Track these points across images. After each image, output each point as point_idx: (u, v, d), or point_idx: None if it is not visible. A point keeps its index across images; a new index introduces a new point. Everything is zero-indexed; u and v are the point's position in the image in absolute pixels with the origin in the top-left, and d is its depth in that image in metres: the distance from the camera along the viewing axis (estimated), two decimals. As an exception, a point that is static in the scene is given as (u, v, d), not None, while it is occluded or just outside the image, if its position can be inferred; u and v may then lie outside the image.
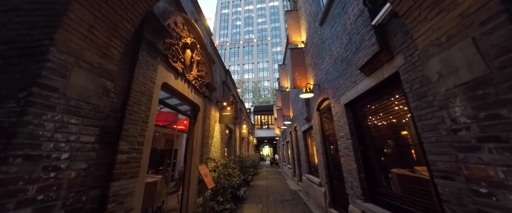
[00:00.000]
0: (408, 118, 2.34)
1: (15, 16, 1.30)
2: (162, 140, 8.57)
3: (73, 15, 1.30)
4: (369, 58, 2.63)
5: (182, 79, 4.24)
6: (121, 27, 1.66)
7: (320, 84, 5.29)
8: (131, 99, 2.51)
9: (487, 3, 0.95)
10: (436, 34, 1.23)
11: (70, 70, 1.26)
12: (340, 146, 4.03)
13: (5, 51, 1.19)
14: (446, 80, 1.16)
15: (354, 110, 3.67)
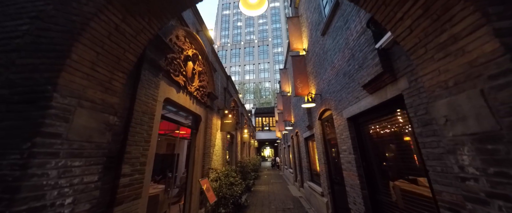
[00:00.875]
0: (414, 140, 2.31)
1: (17, 57, 1.30)
2: (163, 144, 8.58)
3: (76, 56, 1.29)
4: (372, 78, 2.60)
5: (184, 92, 4.24)
6: (124, 59, 1.66)
7: (322, 94, 5.26)
8: (134, 120, 2.51)
9: (496, 58, 0.93)
10: (443, 77, 1.21)
11: (72, 113, 1.26)
12: (343, 159, 4.00)
13: (7, 95, 1.19)
14: (454, 126, 1.14)
15: (357, 124, 3.64)
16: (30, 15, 1.44)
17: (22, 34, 1.37)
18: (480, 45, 0.98)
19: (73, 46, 1.27)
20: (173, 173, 6.35)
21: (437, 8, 1.15)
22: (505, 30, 0.92)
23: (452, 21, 1.10)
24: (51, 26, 1.35)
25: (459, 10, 1.05)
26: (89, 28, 1.34)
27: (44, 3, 1.47)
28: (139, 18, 1.65)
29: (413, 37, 1.36)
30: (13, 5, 1.52)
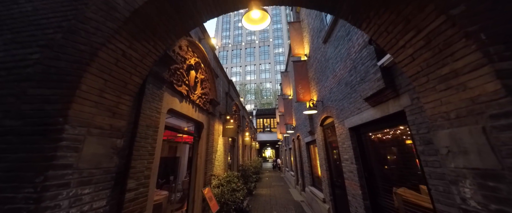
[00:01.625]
0: (417, 156, 2.32)
1: (28, 87, 1.34)
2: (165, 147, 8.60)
3: (85, 86, 1.33)
4: (373, 92, 2.62)
5: (187, 101, 4.28)
6: (130, 83, 1.70)
7: (323, 101, 5.28)
8: (138, 135, 2.55)
9: (498, 99, 0.94)
10: (445, 108, 1.22)
11: (82, 142, 1.29)
12: (345, 168, 4.01)
13: (20, 127, 1.23)
14: (456, 158, 1.16)
15: (359, 134, 3.65)
16: (40, 43, 1.48)
17: (33, 63, 1.41)
18: (482, 83, 1.00)
19: (82, 76, 1.31)
20: (175, 177, 6.39)
21: (439, 42, 1.17)
22: (506, 72, 0.93)
23: (454, 57, 1.11)
24: (61, 56, 1.39)
25: (460, 47, 1.07)
26: (97, 57, 1.37)
27: (53, 31, 1.51)
28: (145, 43, 1.69)
29: (415, 65, 1.37)
30: (23, 32, 1.56)
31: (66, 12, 1.57)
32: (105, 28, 1.44)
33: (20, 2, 1.70)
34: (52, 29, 1.52)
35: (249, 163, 11.39)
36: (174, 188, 5.36)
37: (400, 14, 1.31)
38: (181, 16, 1.75)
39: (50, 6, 1.62)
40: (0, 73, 1.44)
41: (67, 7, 1.59)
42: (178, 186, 7.03)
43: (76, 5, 1.58)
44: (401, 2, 1.27)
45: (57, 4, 1.62)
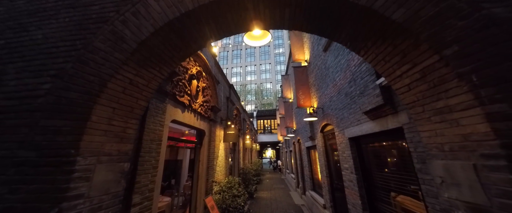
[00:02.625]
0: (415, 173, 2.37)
1: (41, 118, 1.40)
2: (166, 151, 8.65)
3: (95, 117, 1.39)
4: (372, 107, 2.67)
5: (189, 110, 4.34)
6: (137, 107, 1.76)
7: (323, 108, 5.33)
8: (142, 150, 2.61)
9: (488, 140, 1.00)
10: (439, 139, 1.28)
11: (93, 171, 1.35)
12: (345, 177, 4.07)
13: (34, 158, 1.29)
14: (449, 189, 1.21)
15: (358, 144, 3.70)
16: (51, 73, 1.54)
17: (44, 93, 1.47)
18: (474, 123, 1.06)
19: (93, 108, 1.37)
20: (177, 181, 6.43)
21: (434, 78, 1.22)
22: (496, 115, 0.99)
23: (448, 94, 1.17)
24: (71, 86, 1.45)
25: (453, 86, 1.12)
26: (106, 88, 1.43)
27: (63, 60, 1.57)
28: (151, 69, 1.75)
29: (412, 95, 1.43)
30: (34, 60, 1.63)
31: (75, 41, 1.63)
32: (113, 59, 1.50)
33: (30, 30, 1.77)
34: (62, 59, 1.58)
35: (249, 166, 11.45)
36: (177, 193, 5.42)
37: (397, 47, 1.37)
38: (185, 43, 1.81)
39: (59, 34, 1.69)
40: (13, 102, 1.50)
41: (75, 36, 1.65)
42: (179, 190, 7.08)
43: (85, 34, 1.64)
44: (397, 37, 1.32)
45: (66, 33, 1.68)
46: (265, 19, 1.80)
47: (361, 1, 1.33)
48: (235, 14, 1.72)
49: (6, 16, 1.90)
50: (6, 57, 1.69)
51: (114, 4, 1.71)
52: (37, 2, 1.89)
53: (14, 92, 1.54)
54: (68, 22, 1.72)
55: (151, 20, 1.57)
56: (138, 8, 1.63)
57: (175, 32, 1.65)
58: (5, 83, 1.58)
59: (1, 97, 1.53)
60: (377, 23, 1.36)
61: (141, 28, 1.55)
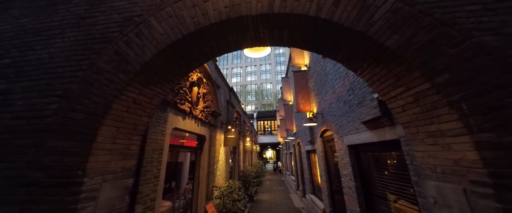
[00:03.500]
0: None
1: (48, 138, 1.45)
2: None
3: (100, 137, 1.44)
4: (370, 118, 2.72)
5: (190, 117, 4.39)
6: (139, 124, 1.81)
7: (323, 113, 5.37)
8: (145, 160, 2.66)
9: (477, 168, 1.04)
10: (432, 161, 1.32)
11: (99, 190, 1.40)
12: (344, 183, 4.11)
13: (42, 179, 1.35)
14: (442, 210, 1.26)
15: (357, 152, 3.75)
16: (57, 93, 1.59)
17: (51, 113, 1.53)
18: (464, 150, 1.10)
19: (98, 129, 1.42)
20: (178, 183, 6.46)
21: (426, 103, 1.27)
22: (484, 144, 1.03)
23: (440, 119, 1.22)
24: (77, 107, 1.50)
25: (444, 113, 1.17)
26: (111, 109, 1.49)
27: (69, 81, 1.62)
28: (153, 87, 1.80)
29: (406, 116, 1.48)
30: (41, 80, 1.68)
31: (80, 61, 1.68)
32: (117, 80, 1.55)
33: (36, 49, 1.82)
34: (68, 79, 1.63)
35: (250, 168, 11.50)
36: (177, 196, 5.46)
37: (391, 71, 1.42)
38: (186, 61, 1.86)
39: (64, 54, 1.74)
40: (20, 122, 1.55)
41: (80, 56, 1.70)
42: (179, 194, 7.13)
43: (89, 55, 1.69)
44: (391, 62, 1.37)
45: (71, 52, 1.73)
46: (264, 38, 1.85)
47: (357, 27, 1.38)
48: (235, 34, 1.77)
49: (12, 35, 1.95)
50: (13, 76, 1.74)
51: (117, 24, 1.76)
52: (43, 21, 1.95)
53: (22, 111, 1.59)
54: (73, 42, 1.77)
55: (154, 41, 1.62)
56: (141, 29, 1.68)
57: (177, 53, 1.71)
58: (13, 102, 1.64)
59: (9, 117, 1.58)
60: (372, 47, 1.41)
61: (144, 49, 1.60)
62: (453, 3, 1.34)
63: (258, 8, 1.58)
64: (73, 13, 1.91)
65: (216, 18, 1.60)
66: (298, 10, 1.50)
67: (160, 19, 1.69)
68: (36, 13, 2.00)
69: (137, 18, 1.74)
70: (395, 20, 1.35)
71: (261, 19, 1.62)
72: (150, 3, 1.78)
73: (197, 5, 1.68)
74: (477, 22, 1.27)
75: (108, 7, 1.86)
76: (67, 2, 1.99)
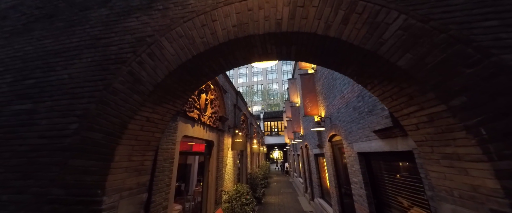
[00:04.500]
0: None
1: (70, 157, 1.54)
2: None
3: (117, 157, 1.52)
4: (381, 128, 2.65)
5: (198, 124, 4.48)
6: (152, 140, 1.88)
7: (331, 118, 5.29)
8: (157, 170, 2.76)
9: (497, 197, 1.00)
10: (448, 183, 1.28)
11: (117, 207, 1.48)
12: (354, 190, 4.04)
13: (64, 196, 1.44)
14: (459, 235, 1.21)
15: (368, 159, 3.66)
16: (77, 113, 1.69)
17: (72, 133, 1.62)
18: (482, 177, 1.06)
19: (115, 149, 1.49)
20: (187, 185, 6.59)
21: (442, 124, 1.23)
22: (505, 172, 0.99)
23: (456, 142, 1.17)
24: (95, 127, 1.58)
25: (462, 137, 1.13)
26: (126, 129, 1.56)
27: (87, 101, 1.71)
28: (165, 104, 1.86)
29: (419, 134, 1.43)
30: (61, 100, 1.79)
31: (97, 81, 1.77)
32: (132, 101, 1.62)
33: (57, 69, 1.94)
34: (86, 99, 1.72)
35: (257, 171, 11.54)
36: (188, 200, 5.58)
37: (403, 90, 1.38)
38: (196, 78, 1.91)
39: (83, 74, 1.84)
40: (44, 141, 1.66)
41: (97, 76, 1.79)
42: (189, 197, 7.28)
43: (105, 75, 1.78)
44: (403, 81, 1.34)
45: (88, 73, 1.83)
46: (271, 54, 1.86)
47: (367, 46, 1.36)
48: (243, 51, 1.79)
49: (35, 56, 2.09)
50: (37, 96, 1.87)
51: (130, 45, 1.84)
52: (62, 42, 2.07)
53: (45, 131, 1.70)
54: (90, 63, 1.87)
55: (165, 62, 1.67)
56: (153, 50, 1.75)
57: (187, 71, 1.76)
58: (37, 122, 1.75)
59: (35, 136, 1.70)
60: (383, 66, 1.38)
61: (157, 70, 1.66)
62: (470, 18, 1.29)
63: (266, 27, 1.59)
64: (89, 34, 2.02)
65: (225, 38, 1.63)
66: (306, 29, 1.50)
67: (170, 39, 1.75)
68: (56, 34, 2.13)
69: (149, 39, 1.81)
70: (407, 38, 1.31)
71: (269, 37, 1.63)
72: (161, 23, 1.85)
73: (206, 24, 1.72)
74: (495, 39, 1.21)
75: (121, 27, 1.94)
76: (83, 23, 2.10)
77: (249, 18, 1.64)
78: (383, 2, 1.43)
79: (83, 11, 2.17)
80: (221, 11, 1.72)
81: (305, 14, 1.53)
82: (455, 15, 1.31)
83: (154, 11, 1.92)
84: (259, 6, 1.65)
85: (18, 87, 1.96)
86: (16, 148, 1.69)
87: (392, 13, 1.39)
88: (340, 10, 1.48)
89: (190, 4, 1.84)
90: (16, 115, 1.82)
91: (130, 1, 2.05)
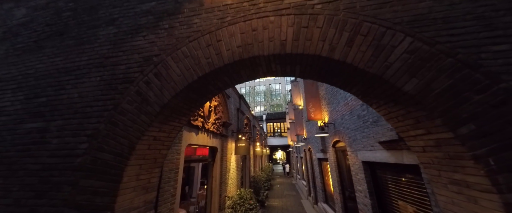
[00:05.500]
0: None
1: (80, 177, 1.59)
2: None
3: (126, 178, 1.55)
4: (386, 139, 2.63)
5: (202, 131, 4.52)
6: (159, 157, 1.91)
7: (335, 124, 5.26)
8: (162, 181, 2.79)
9: (507, 230, 0.99)
10: (457, 209, 1.27)
11: (125, 227, 1.51)
12: (358, 199, 4.00)
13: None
14: (468, 263, 1.20)
15: (373, 168, 3.63)
16: (87, 133, 1.73)
17: (82, 153, 1.67)
18: (492, 208, 1.05)
19: (124, 170, 1.53)
20: (191, 188, 6.62)
21: (449, 151, 1.22)
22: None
23: (465, 170, 1.16)
24: (105, 147, 1.62)
25: (470, 166, 1.12)
26: (134, 150, 1.59)
27: (97, 121, 1.76)
28: (171, 122, 1.89)
29: (426, 157, 1.42)
30: (72, 119, 1.83)
31: (106, 101, 1.81)
32: (140, 121, 1.65)
33: (68, 88, 1.99)
34: (96, 118, 1.77)
35: (260, 174, 11.54)
36: (192, 203, 5.62)
37: (410, 113, 1.37)
38: (201, 96, 1.93)
39: (92, 94, 1.88)
40: (56, 160, 1.71)
41: (106, 96, 1.83)
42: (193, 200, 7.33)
43: (113, 95, 1.82)
44: (409, 105, 1.33)
45: (97, 92, 1.88)
46: (276, 72, 1.87)
47: (372, 69, 1.36)
48: (248, 70, 1.81)
49: (46, 73, 2.15)
50: (49, 115, 1.92)
51: (138, 64, 1.88)
52: (72, 60, 2.12)
53: (57, 150, 1.75)
54: (99, 82, 1.91)
55: (171, 83, 1.70)
56: (160, 70, 1.78)
57: (193, 91, 1.78)
58: (49, 140, 1.81)
59: (46, 155, 1.75)
60: (389, 90, 1.38)
61: (163, 91, 1.69)
62: (479, 42, 1.27)
63: (270, 48, 1.60)
64: (98, 53, 2.06)
65: (230, 59, 1.65)
66: (311, 51, 1.50)
67: (176, 59, 1.78)
68: (66, 52, 2.18)
69: (155, 58, 1.84)
70: (413, 61, 1.31)
71: (274, 58, 1.64)
72: (167, 43, 1.88)
73: (211, 44, 1.74)
74: (505, 65, 1.19)
75: (129, 46, 1.99)
76: (92, 41, 2.15)
77: (253, 39, 1.65)
78: (389, 24, 1.42)
79: (91, 29, 2.22)
80: (226, 31, 1.74)
81: (310, 35, 1.54)
82: (463, 38, 1.30)
83: (160, 30, 1.96)
84: (264, 26, 1.67)
85: (30, 105, 2.02)
86: (29, 167, 1.75)
87: (397, 35, 1.38)
88: (345, 31, 1.48)
89: (195, 23, 1.87)
90: (28, 133, 1.88)
91: (137, 20, 2.09)
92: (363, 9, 1.51)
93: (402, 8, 1.45)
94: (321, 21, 1.55)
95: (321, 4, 1.61)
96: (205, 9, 1.90)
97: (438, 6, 1.40)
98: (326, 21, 1.54)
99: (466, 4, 1.36)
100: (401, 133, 1.58)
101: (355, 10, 1.52)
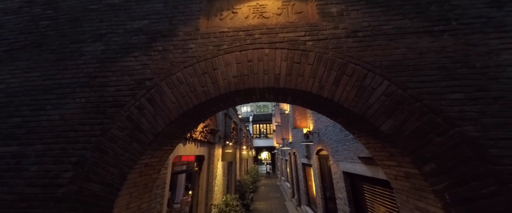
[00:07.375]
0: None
1: (65, 210, 1.51)
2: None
3: (116, 209, 1.52)
4: (365, 156, 2.90)
5: (190, 141, 4.45)
6: (150, 182, 1.89)
7: (319, 133, 5.56)
8: (149, 199, 2.72)
9: (456, 254, 1.21)
10: (420, 231, 1.49)
11: (115, 260, 1.48)
12: (339, 206, 4.31)
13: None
14: None
15: (353, 179, 3.94)
16: (71, 160, 1.65)
17: (67, 182, 1.59)
18: (446, 234, 1.27)
19: (114, 202, 1.50)
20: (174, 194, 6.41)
21: (416, 183, 1.43)
22: (463, 233, 1.20)
23: (427, 201, 1.38)
24: (92, 177, 1.57)
25: (431, 198, 1.33)
26: (126, 180, 1.56)
27: (82, 147, 1.68)
28: (164, 147, 1.88)
29: (398, 184, 1.64)
30: (53, 144, 1.72)
31: (93, 125, 1.74)
32: (131, 149, 1.63)
33: (47, 109, 1.86)
34: (82, 144, 1.69)
35: (246, 177, 11.64)
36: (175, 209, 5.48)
37: (385, 147, 1.57)
38: (195, 120, 1.96)
39: (76, 116, 1.79)
40: (35, 190, 1.60)
41: (93, 120, 1.76)
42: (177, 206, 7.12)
43: (102, 119, 1.75)
44: (385, 141, 1.52)
45: (83, 115, 1.78)
46: (269, 99, 1.97)
47: (355, 109, 1.53)
48: (243, 97, 1.88)
49: (22, 90, 1.97)
50: (25, 138, 1.78)
51: (129, 87, 1.83)
52: (52, 77, 1.97)
53: (36, 178, 1.63)
54: (85, 104, 1.82)
55: (166, 110, 1.70)
56: (153, 95, 1.76)
57: (188, 117, 1.80)
58: (26, 167, 1.68)
59: (23, 184, 1.63)
60: (369, 127, 1.56)
61: (157, 118, 1.68)
62: (440, 90, 1.51)
63: (265, 81, 1.69)
64: (83, 71, 1.96)
65: (226, 89, 1.70)
66: (302, 87, 1.63)
67: (171, 85, 1.77)
68: (45, 67, 2.02)
69: (148, 82, 1.82)
70: (390, 104, 1.50)
71: (268, 89, 1.74)
72: (161, 66, 1.86)
73: (207, 72, 1.78)
74: (460, 111, 1.44)
75: (119, 67, 1.92)
76: (75, 58, 2.03)
77: (249, 70, 1.73)
78: (370, 66, 1.61)
79: (75, 43, 2.09)
80: (222, 59, 1.79)
81: (302, 71, 1.66)
82: (428, 86, 1.53)
83: (153, 51, 1.93)
84: (259, 58, 1.76)
85: (2, 126, 1.84)
86: (2, 197, 1.60)
87: (377, 78, 1.57)
88: (333, 71, 1.63)
89: (191, 48, 1.88)
90: (0, 158, 1.72)
91: (127, 38, 2.03)
92: (349, 50, 1.68)
93: (382, 53, 1.64)
94: (312, 58, 1.69)
95: (312, 42, 1.75)
96: (201, 34, 1.92)
97: (410, 54, 1.62)
98: (316, 58, 1.68)
99: (432, 55, 1.60)
100: (378, 161, 1.79)
101: (342, 51, 1.68)
